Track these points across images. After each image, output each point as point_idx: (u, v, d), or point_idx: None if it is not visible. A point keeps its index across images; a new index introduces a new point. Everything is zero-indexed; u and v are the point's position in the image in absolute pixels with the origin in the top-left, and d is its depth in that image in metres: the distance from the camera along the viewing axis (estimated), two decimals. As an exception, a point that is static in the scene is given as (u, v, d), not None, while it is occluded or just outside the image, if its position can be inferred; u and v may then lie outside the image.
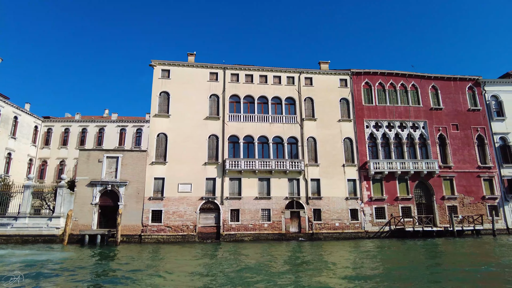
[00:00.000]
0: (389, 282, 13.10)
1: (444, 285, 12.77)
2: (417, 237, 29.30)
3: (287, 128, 31.87)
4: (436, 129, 33.80)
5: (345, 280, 13.39)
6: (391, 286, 12.59)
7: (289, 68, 33.41)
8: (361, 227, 30.57)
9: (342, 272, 15.27)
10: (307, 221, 29.98)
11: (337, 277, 14.14)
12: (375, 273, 15.06)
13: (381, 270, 15.93)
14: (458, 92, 35.27)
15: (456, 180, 32.75)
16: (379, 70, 34.40)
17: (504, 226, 32.27)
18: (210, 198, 29.34)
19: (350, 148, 32.43)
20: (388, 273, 15.19)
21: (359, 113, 33.28)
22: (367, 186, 31.48)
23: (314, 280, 13.41)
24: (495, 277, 14.25)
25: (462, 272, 15.31)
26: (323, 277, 14.13)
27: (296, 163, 30.52)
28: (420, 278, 13.78)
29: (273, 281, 13.16)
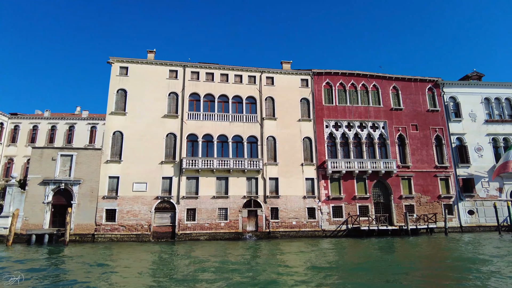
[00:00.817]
0: (336, 280, 13.25)
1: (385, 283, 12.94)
2: (372, 235, 29.66)
3: (247, 127, 31.85)
4: (395, 129, 34.30)
5: (297, 279, 13.50)
6: (338, 284, 12.71)
7: (250, 67, 33.39)
8: (318, 226, 30.81)
9: (292, 270, 15.38)
10: (264, 220, 30.04)
11: (289, 275, 14.23)
12: (321, 271, 15.19)
13: (324, 268, 16.05)
14: (418, 93, 35.87)
15: (414, 179, 33.32)
16: (340, 71, 34.70)
17: (458, 224, 32.99)
18: (166, 198, 29.09)
19: (309, 147, 32.63)
20: (331, 270, 15.31)
21: (319, 113, 33.50)
22: (325, 185, 31.73)
23: (266, 278, 13.51)
24: (428, 275, 14.51)
25: (401, 269, 15.58)
26: (275, 275, 14.24)
27: (254, 162, 30.53)
28: (363, 277, 13.97)
29: (224, 280, 13.21)
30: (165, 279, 13.70)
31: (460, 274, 14.34)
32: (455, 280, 13.39)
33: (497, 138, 35.62)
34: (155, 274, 14.69)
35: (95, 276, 14.16)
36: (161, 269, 16.17)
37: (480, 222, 33.34)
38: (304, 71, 34.48)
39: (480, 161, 34.77)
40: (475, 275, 13.86)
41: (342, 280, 13.27)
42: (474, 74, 39.15)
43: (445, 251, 21.92)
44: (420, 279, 13.59)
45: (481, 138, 35.40)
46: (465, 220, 33.24)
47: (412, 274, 14.60)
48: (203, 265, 16.69)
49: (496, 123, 36.04)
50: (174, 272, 15.41)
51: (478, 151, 35.00)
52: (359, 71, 34.97)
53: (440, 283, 12.86)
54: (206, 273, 14.71)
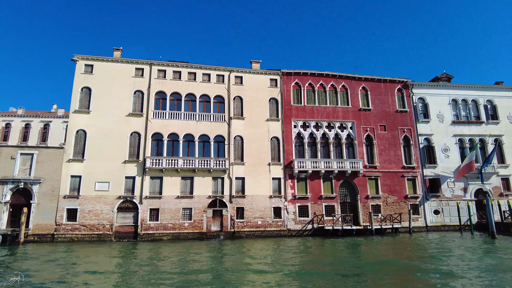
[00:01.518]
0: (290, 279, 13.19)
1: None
2: (337, 235, 29.78)
3: (215, 126, 31.68)
4: (363, 130, 34.51)
5: (259, 278, 13.50)
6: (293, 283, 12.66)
7: (219, 66, 33.21)
8: (284, 225, 30.82)
9: (254, 270, 15.37)
10: (230, 220, 29.92)
11: (249, 275, 14.30)
12: (275, 270, 15.13)
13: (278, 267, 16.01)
14: (387, 93, 36.16)
15: (381, 179, 33.57)
16: (309, 71, 34.76)
17: (424, 224, 33.36)
18: (128, 197, 28.75)
19: (277, 147, 32.62)
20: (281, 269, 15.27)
21: (287, 113, 33.51)
22: (291, 185, 31.76)
23: (229, 278, 13.48)
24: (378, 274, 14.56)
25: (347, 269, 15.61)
26: (235, 275, 14.22)
27: (221, 162, 30.38)
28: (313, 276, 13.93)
29: (184, 280, 13.10)
30: (120, 279, 13.51)
31: (391, 275, 14.45)
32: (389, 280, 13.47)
33: (463, 139, 36.13)
34: (111, 275, 14.48)
35: (43, 276, 13.87)
36: (118, 270, 15.87)
37: (445, 221, 33.78)
38: (274, 71, 34.45)
39: (446, 161, 35.23)
40: (419, 275, 13.97)
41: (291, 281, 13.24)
42: (443, 75, 39.66)
43: (398, 250, 22.12)
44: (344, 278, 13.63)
45: (448, 138, 35.87)
46: (430, 219, 33.63)
47: (345, 273, 14.65)
48: (162, 266, 16.63)
49: (462, 124, 36.56)
50: (131, 272, 15.23)
51: (445, 152, 35.46)
52: (328, 72, 35.08)
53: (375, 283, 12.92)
54: (162, 274, 14.54)
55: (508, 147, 36.61)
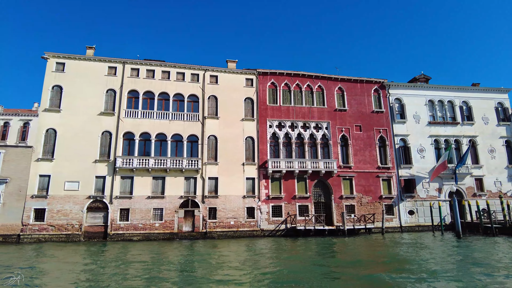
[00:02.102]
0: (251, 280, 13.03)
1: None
2: (309, 235, 29.74)
3: (188, 125, 31.44)
4: (339, 130, 34.53)
5: (222, 278, 13.45)
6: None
7: (194, 65, 32.98)
8: (257, 226, 30.69)
9: (223, 270, 15.23)
10: (202, 220, 29.71)
11: (217, 275, 14.19)
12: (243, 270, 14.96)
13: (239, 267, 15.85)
14: (364, 94, 36.22)
15: (355, 179, 33.61)
16: (285, 71, 34.68)
17: (398, 224, 33.47)
18: (98, 197, 28.39)
19: (251, 147, 32.48)
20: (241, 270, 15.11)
21: (262, 112, 33.40)
22: (265, 185, 31.65)
23: (195, 279, 13.40)
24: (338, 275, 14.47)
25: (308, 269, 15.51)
26: (204, 276, 14.09)
27: (193, 162, 30.16)
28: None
29: (150, 279, 13.01)
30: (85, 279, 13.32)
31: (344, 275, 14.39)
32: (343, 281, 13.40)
33: (439, 140, 36.35)
34: (77, 275, 14.26)
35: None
36: (85, 270, 15.63)
37: (419, 222, 33.93)
38: (250, 70, 34.32)
39: (422, 162, 35.40)
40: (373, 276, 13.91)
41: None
42: (421, 76, 39.87)
43: (363, 251, 22.11)
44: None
45: (424, 139, 36.05)
46: (405, 220, 33.76)
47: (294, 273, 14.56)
48: (129, 266, 16.46)
49: (438, 125, 36.78)
50: (95, 272, 15.04)
51: (421, 152, 35.63)
52: (304, 72, 35.05)
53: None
54: (127, 275, 14.39)
55: (482, 148, 36.92)
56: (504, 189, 36.29)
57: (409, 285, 12.28)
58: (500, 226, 28.18)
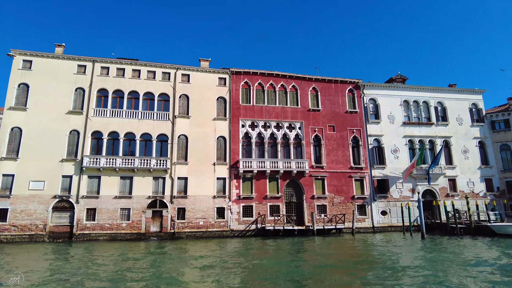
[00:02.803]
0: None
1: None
2: (278, 235, 29.60)
3: (158, 125, 31.16)
4: (312, 130, 34.43)
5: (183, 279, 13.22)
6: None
7: (165, 64, 32.69)
8: (227, 226, 30.48)
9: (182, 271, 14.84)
10: (170, 220, 29.44)
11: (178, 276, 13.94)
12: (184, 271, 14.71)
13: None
14: (338, 94, 36.18)
15: (328, 179, 33.54)
16: (259, 71, 34.52)
17: (370, 225, 33.46)
18: (64, 197, 28.01)
19: (223, 146, 32.27)
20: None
21: (235, 112, 33.20)
22: (236, 185, 31.45)
23: (161, 279, 13.22)
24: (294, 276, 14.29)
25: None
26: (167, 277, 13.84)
27: (162, 161, 29.89)
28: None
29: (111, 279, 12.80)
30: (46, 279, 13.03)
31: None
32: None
33: (414, 140, 36.43)
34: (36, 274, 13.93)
35: None
36: (44, 269, 15.31)
37: (392, 222, 33.96)
38: (223, 69, 34.10)
39: (396, 162, 35.44)
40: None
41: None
42: (398, 77, 39.93)
43: (323, 252, 21.99)
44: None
45: (398, 139, 36.10)
46: (377, 220, 33.75)
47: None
48: (90, 266, 16.19)
49: (413, 125, 36.86)
50: (57, 272, 14.76)
51: (395, 153, 35.67)
52: (278, 72, 34.91)
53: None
54: (88, 275, 14.12)
55: (456, 148, 37.07)
56: (476, 189, 36.47)
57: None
58: (465, 227, 28.24)
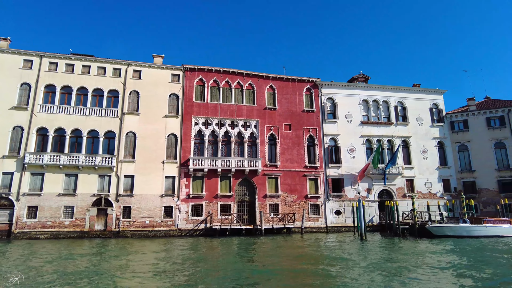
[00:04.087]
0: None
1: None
2: (226, 235, 29.26)
3: (105, 121, 30.65)
4: (267, 129, 34.11)
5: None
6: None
7: (116, 60, 32.18)
8: (175, 225, 30.08)
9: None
10: (115, 219, 28.97)
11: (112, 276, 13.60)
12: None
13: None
14: (295, 93, 35.87)
15: (281, 178, 33.24)
16: (214, 68, 34.12)
17: (324, 224, 33.22)
18: (4, 194, 27.43)
19: (174, 144, 31.84)
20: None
21: (188, 109, 32.78)
22: (186, 183, 31.04)
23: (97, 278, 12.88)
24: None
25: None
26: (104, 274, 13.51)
27: (108, 159, 29.40)
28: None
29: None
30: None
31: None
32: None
33: (372, 140, 36.23)
34: None
35: None
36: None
37: (346, 222, 33.72)
38: (177, 66, 33.63)
39: (352, 162, 35.22)
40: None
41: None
42: (360, 76, 39.72)
43: (261, 251, 21.67)
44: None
45: (355, 139, 35.88)
46: (331, 220, 33.52)
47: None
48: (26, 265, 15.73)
49: (371, 125, 36.66)
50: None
51: (351, 152, 35.45)
52: (234, 69, 34.53)
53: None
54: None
55: (415, 148, 36.95)
56: (434, 189, 36.40)
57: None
58: (408, 227, 28.09)
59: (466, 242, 22.80)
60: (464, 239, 24.16)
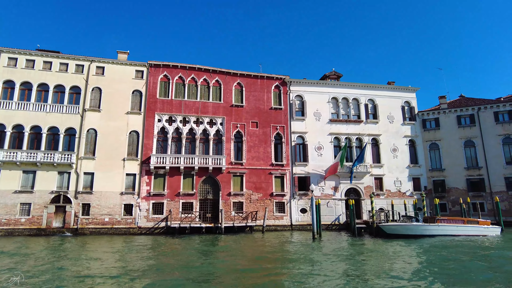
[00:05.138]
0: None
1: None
2: (185, 233, 29.05)
3: (66, 118, 30.33)
4: (234, 126, 33.80)
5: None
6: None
7: (79, 56, 31.80)
8: (135, 223, 29.85)
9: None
10: (73, 216, 28.73)
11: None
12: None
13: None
14: (263, 90, 35.54)
15: (247, 176, 32.98)
16: (179, 64, 33.75)
17: (289, 222, 33.01)
18: (-42, 191, 27.19)
19: (136, 141, 31.54)
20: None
21: (151, 106, 32.44)
22: (147, 181, 30.77)
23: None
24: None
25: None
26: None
27: (67, 156, 29.11)
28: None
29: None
30: None
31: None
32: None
33: (340, 138, 35.94)
34: None
35: None
36: None
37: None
38: (141, 62, 33.25)
39: (319, 160, 34.96)
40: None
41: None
42: (332, 73, 39.38)
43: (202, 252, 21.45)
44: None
45: (323, 137, 35.59)
46: (296, 218, 33.31)
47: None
48: None
49: (340, 123, 36.36)
50: None
51: (319, 150, 35.18)
52: (200, 65, 34.17)
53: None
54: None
55: (385, 147, 36.69)
56: (403, 188, 36.19)
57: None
58: (364, 226, 27.89)
59: (416, 242, 22.55)
60: (418, 239, 23.86)
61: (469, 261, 16.17)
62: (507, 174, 34.40)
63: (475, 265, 15.30)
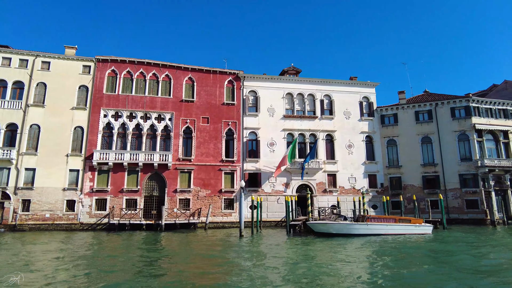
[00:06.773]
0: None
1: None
2: (124, 229, 28.85)
3: (7, 113, 30.06)
4: (183, 122, 33.41)
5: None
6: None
7: (23, 50, 31.45)
8: (77, 219, 29.69)
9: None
10: (12, 212, 28.60)
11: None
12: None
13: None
14: (216, 85, 35.04)
15: (195, 173, 32.66)
16: (128, 58, 33.29)
17: (237, 219, 32.65)
18: None
19: (81, 137, 31.25)
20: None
21: (97, 101, 32.08)
22: (91, 177, 30.54)
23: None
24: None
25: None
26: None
27: (7, 152, 28.90)
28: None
29: None
30: None
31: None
32: None
33: (294, 134, 35.45)
34: None
35: None
36: None
37: (262, 217, 33.14)
38: (88, 57, 32.82)
39: (271, 156, 34.53)
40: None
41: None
42: (291, 69, 38.78)
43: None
44: None
45: (277, 133, 35.12)
46: (245, 214, 32.90)
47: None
48: None
49: (294, 119, 35.84)
50: None
51: (271, 146, 34.74)
52: (149, 60, 33.71)
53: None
54: None
55: (340, 143, 36.15)
56: (358, 185, 35.67)
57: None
58: (297, 223, 27.52)
59: (336, 240, 21.97)
60: (348, 238, 23.38)
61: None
62: (461, 171, 33.85)
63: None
